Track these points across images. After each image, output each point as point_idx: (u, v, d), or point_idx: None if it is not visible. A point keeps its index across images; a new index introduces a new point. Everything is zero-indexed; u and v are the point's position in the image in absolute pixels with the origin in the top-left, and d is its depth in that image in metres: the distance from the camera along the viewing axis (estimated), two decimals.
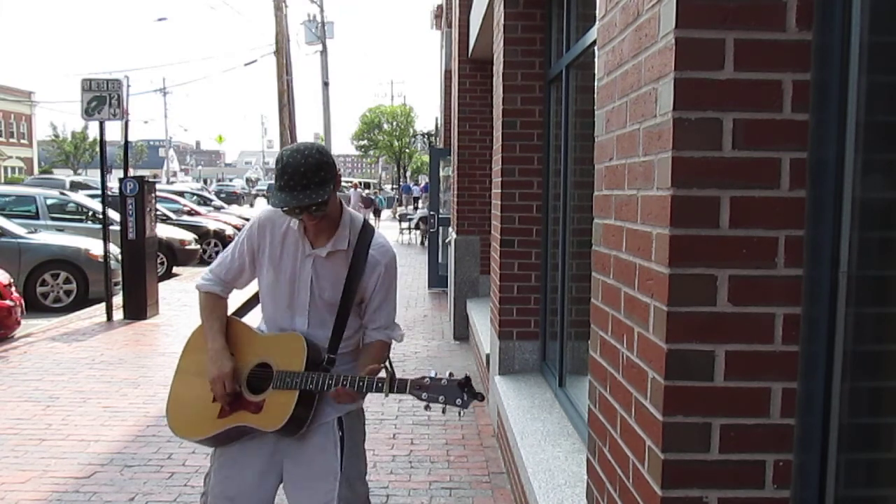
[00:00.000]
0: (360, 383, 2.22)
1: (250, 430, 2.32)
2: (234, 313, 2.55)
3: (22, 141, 55.30)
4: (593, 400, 2.07)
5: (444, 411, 2.19)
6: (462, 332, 7.77)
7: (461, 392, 2.17)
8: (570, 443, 3.44)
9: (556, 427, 3.67)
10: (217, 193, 44.33)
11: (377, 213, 26.71)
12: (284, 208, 2.19)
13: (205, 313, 2.47)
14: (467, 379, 2.19)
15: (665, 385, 1.50)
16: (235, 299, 2.61)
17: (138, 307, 8.70)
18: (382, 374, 2.23)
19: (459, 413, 2.22)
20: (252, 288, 2.57)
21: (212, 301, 2.49)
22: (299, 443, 2.36)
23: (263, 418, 2.29)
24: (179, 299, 10.20)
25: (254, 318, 2.55)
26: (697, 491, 1.52)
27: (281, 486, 2.43)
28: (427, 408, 2.20)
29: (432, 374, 2.22)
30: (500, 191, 4.67)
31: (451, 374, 2.21)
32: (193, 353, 2.49)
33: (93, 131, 47.71)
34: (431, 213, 10.53)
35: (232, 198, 45.95)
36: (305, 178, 2.16)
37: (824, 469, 1.47)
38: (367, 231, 2.43)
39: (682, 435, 1.51)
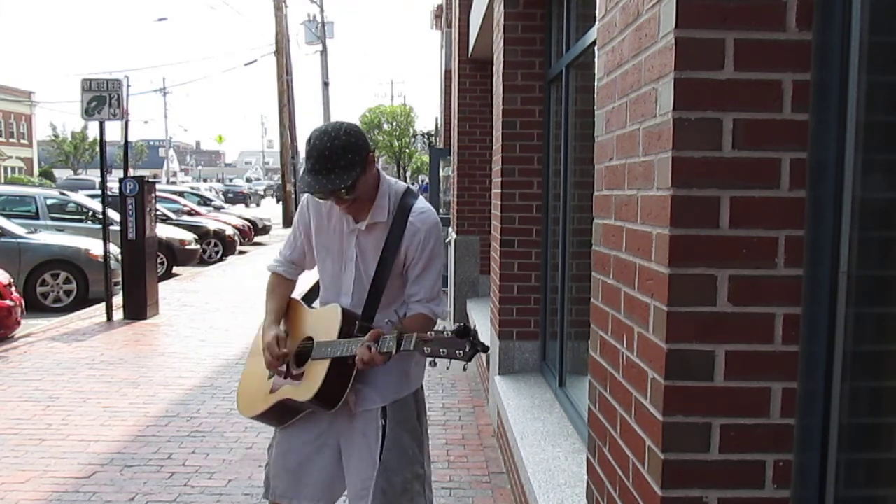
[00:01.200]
0: (374, 345, 2.16)
1: (294, 403, 2.34)
2: (302, 298, 2.62)
3: (22, 141, 55.29)
4: (593, 400, 2.06)
5: (448, 367, 2.13)
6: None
7: (463, 343, 2.06)
8: (570, 443, 3.44)
9: (556, 427, 3.67)
10: (224, 193, 44.64)
11: None
12: (308, 191, 2.21)
13: (267, 293, 2.55)
14: (466, 328, 2.07)
15: (665, 385, 1.50)
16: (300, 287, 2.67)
17: (138, 307, 8.69)
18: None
19: (464, 366, 2.12)
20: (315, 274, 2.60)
21: (274, 281, 2.56)
22: (348, 425, 2.38)
23: (300, 389, 2.32)
24: (179, 299, 10.20)
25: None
26: (697, 491, 1.52)
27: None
28: (433, 364, 2.12)
29: (439, 328, 2.17)
30: (500, 191, 4.67)
31: (457, 327, 2.11)
32: (259, 336, 2.57)
33: (93, 131, 47.71)
34: None
35: (239, 197, 46.58)
36: (330, 161, 2.14)
37: (824, 469, 1.47)
38: (407, 198, 2.36)
39: (682, 435, 1.51)
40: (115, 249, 9.04)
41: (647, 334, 1.60)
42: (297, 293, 2.66)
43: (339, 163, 2.15)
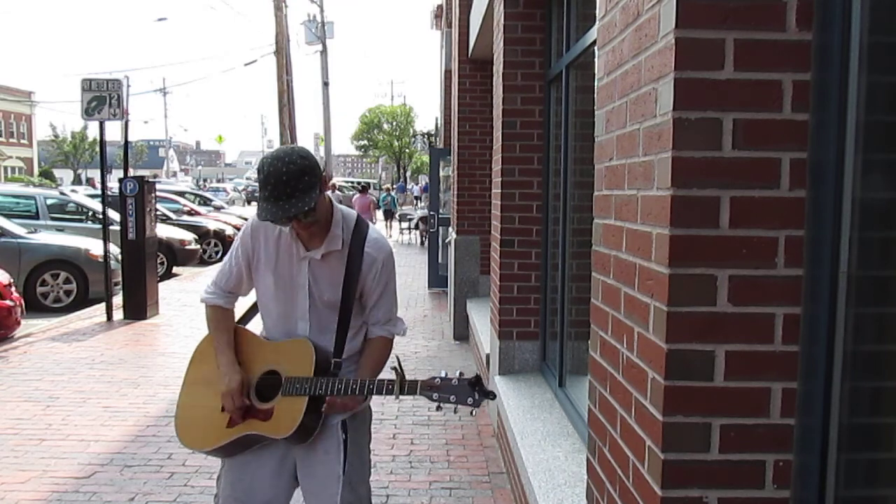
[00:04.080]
0: (371, 387, 2.21)
1: (260, 438, 2.31)
2: (237, 321, 2.51)
3: (22, 141, 55.28)
4: (593, 400, 2.07)
5: (455, 411, 2.21)
6: (462, 332, 7.77)
7: (472, 391, 2.18)
8: (570, 443, 3.44)
9: (556, 427, 3.67)
10: (251, 192, 44.70)
11: (388, 216, 24.56)
12: (272, 220, 2.15)
13: (212, 326, 2.45)
14: (478, 378, 2.20)
15: (665, 385, 1.50)
16: (238, 308, 2.58)
17: (138, 307, 8.69)
18: (392, 375, 2.21)
19: (472, 412, 2.23)
20: (252, 297, 2.54)
21: (218, 314, 2.45)
22: (307, 445, 2.35)
23: (273, 425, 2.27)
24: (179, 299, 10.20)
25: (255, 326, 2.53)
26: (697, 491, 1.52)
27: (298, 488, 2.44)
28: (439, 408, 2.21)
29: (442, 375, 2.21)
30: (500, 191, 4.67)
31: (461, 374, 2.21)
32: (200, 364, 2.46)
33: (92, 131, 47.74)
34: (431, 213, 10.53)
35: None
36: (289, 186, 2.10)
37: (824, 469, 1.47)
38: (360, 227, 2.39)
39: (682, 435, 1.51)
40: (115, 249, 9.04)
41: (647, 334, 1.60)
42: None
43: (298, 186, 2.11)
